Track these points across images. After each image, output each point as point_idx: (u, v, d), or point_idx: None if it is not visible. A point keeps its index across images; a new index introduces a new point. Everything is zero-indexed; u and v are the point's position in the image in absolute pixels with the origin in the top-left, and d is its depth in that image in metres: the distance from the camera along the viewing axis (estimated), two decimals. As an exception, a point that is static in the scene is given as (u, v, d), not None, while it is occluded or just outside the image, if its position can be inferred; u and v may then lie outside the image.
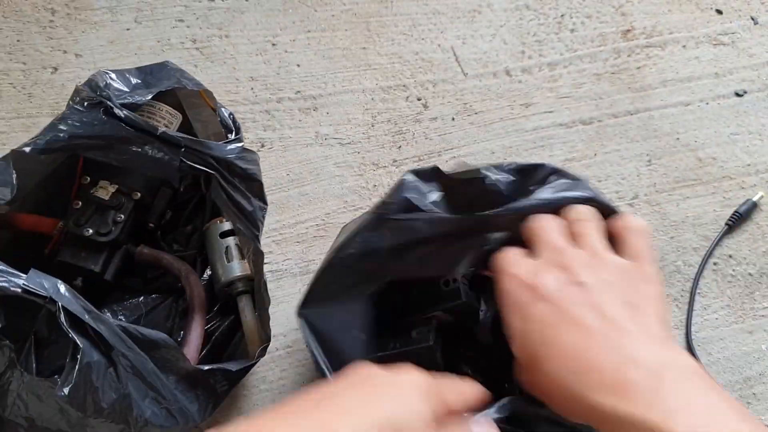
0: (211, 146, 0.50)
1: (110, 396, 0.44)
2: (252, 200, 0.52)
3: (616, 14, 0.77)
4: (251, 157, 0.53)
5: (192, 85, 0.56)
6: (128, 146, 0.50)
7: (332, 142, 0.70)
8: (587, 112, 0.72)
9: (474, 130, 0.71)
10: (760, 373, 0.61)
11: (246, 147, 0.53)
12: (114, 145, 0.50)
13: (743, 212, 0.66)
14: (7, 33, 0.73)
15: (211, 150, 0.50)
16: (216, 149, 0.50)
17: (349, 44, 0.75)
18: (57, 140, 0.48)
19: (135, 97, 0.51)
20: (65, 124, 0.48)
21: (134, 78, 0.54)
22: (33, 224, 0.58)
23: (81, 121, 0.49)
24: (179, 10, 0.76)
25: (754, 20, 0.77)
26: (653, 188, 0.69)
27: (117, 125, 0.49)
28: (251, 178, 0.52)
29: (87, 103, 0.49)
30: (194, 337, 0.55)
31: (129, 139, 0.49)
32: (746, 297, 0.64)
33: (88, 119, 0.49)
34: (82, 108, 0.49)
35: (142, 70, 0.55)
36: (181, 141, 0.50)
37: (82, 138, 0.49)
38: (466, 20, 0.77)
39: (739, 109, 0.73)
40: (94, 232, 0.55)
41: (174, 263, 0.58)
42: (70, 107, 0.50)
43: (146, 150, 0.50)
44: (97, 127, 0.49)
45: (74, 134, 0.49)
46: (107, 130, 0.49)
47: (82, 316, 0.43)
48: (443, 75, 0.74)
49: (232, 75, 0.73)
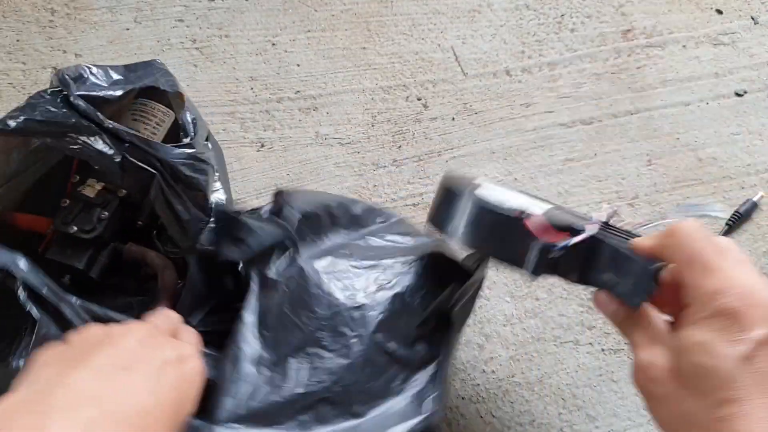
0: (156, 147, 0.50)
1: None
2: (191, 209, 0.51)
3: (616, 14, 0.77)
4: (200, 165, 0.51)
5: (167, 86, 0.55)
6: (78, 136, 0.49)
7: (332, 142, 0.70)
8: (587, 112, 0.72)
9: (474, 130, 0.71)
10: (761, 373, 0.61)
11: (197, 155, 0.51)
12: (66, 134, 0.49)
13: (743, 212, 0.66)
14: (7, 33, 0.73)
15: (155, 151, 0.49)
16: (161, 150, 0.50)
17: (349, 44, 0.75)
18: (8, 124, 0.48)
19: (107, 92, 0.51)
20: (25, 109, 0.49)
21: (117, 74, 0.54)
22: (29, 224, 0.58)
23: (39, 107, 0.49)
24: (179, 10, 0.76)
25: (754, 20, 0.77)
26: (653, 188, 0.69)
27: (68, 114, 0.49)
28: (194, 187, 0.51)
29: (51, 91, 0.50)
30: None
31: (79, 128, 0.49)
32: (746, 297, 0.64)
33: (45, 106, 0.49)
34: (45, 95, 0.49)
35: (129, 68, 0.55)
36: (125, 136, 0.49)
37: (36, 122, 0.49)
38: (466, 20, 0.77)
39: (739, 109, 0.73)
40: (78, 230, 0.56)
41: (156, 259, 0.58)
42: (35, 95, 0.50)
43: (93, 142, 0.50)
44: (51, 114, 0.49)
45: (29, 118, 0.49)
46: (60, 118, 0.49)
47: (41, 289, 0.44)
48: (443, 75, 0.74)
49: (232, 75, 0.73)
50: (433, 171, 0.69)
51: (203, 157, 0.52)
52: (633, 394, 0.60)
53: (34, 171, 0.60)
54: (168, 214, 0.51)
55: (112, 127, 0.49)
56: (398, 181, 0.69)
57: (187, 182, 0.51)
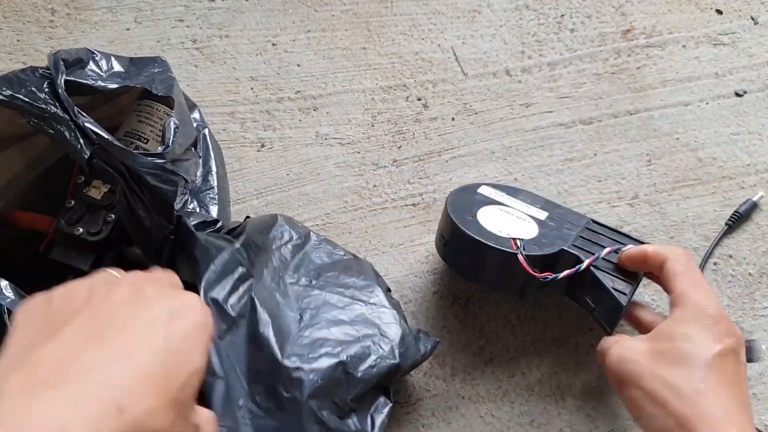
0: (122, 153, 0.48)
1: None
2: (153, 217, 0.50)
3: (616, 14, 0.77)
4: (168, 177, 0.50)
5: (162, 90, 0.55)
6: (56, 124, 0.49)
7: (332, 142, 0.70)
8: (587, 112, 0.72)
9: (474, 130, 0.71)
10: (760, 373, 0.61)
11: (167, 167, 0.49)
12: (46, 119, 0.49)
13: (743, 212, 0.66)
14: (7, 33, 0.74)
15: (123, 157, 0.48)
16: (126, 157, 0.48)
17: (349, 44, 0.75)
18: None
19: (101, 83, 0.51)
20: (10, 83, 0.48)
21: (119, 66, 0.53)
22: (29, 222, 0.58)
23: (25, 85, 0.48)
24: (179, 10, 0.76)
25: (754, 20, 0.77)
26: (653, 188, 0.69)
27: (48, 101, 0.48)
28: (160, 197, 0.50)
29: (41, 71, 0.49)
30: None
31: (58, 117, 0.48)
32: (746, 297, 0.64)
33: (34, 86, 0.48)
34: (36, 75, 0.49)
35: (134, 61, 0.55)
36: (94, 138, 0.48)
37: (21, 101, 0.48)
38: (466, 20, 0.77)
39: (739, 109, 0.73)
40: (84, 232, 0.55)
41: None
42: (26, 70, 0.49)
43: (65, 133, 0.49)
44: (33, 95, 0.48)
45: (15, 95, 0.48)
46: (41, 103, 0.48)
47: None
48: (443, 75, 0.74)
49: (232, 75, 0.73)
50: (433, 171, 0.69)
51: (173, 168, 0.50)
52: (633, 394, 0.60)
53: (35, 168, 0.60)
54: (129, 218, 0.50)
55: (83, 125, 0.48)
56: (398, 181, 0.69)
57: (152, 191, 0.50)
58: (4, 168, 0.58)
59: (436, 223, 0.60)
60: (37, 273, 0.59)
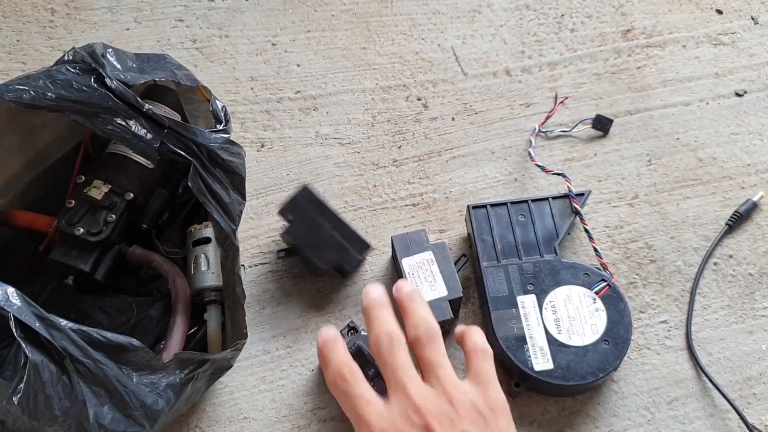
0: (195, 131, 0.49)
1: (64, 404, 0.43)
2: (230, 192, 0.51)
3: (616, 14, 0.77)
4: (236, 150, 0.52)
5: (187, 80, 0.55)
6: (113, 118, 0.48)
7: (332, 142, 0.70)
8: (587, 112, 0.72)
9: (474, 130, 0.71)
10: (761, 373, 0.61)
11: (232, 140, 0.52)
12: (99, 115, 0.48)
13: (743, 212, 0.66)
14: (7, 33, 0.74)
15: (194, 135, 0.49)
16: (199, 135, 0.49)
17: (349, 44, 0.75)
18: (44, 98, 0.47)
19: (126, 77, 0.50)
20: (54, 84, 0.47)
21: (131, 61, 0.53)
22: (28, 222, 0.58)
23: (69, 84, 0.48)
24: (179, 10, 0.76)
25: (754, 20, 0.77)
26: (653, 188, 0.69)
27: (105, 95, 0.48)
28: (232, 170, 0.51)
29: (80, 68, 0.49)
30: (176, 339, 0.54)
31: (115, 111, 0.48)
32: (746, 297, 0.64)
33: (77, 84, 0.48)
34: (74, 71, 0.48)
35: (140, 57, 0.54)
36: (165, 122, 0.49)
37: (69, 101, 0.48)
38: (466, 20, 0.77)
39: (739, 109, 0.73)
40: (85, 232, 0.55)
41: (163, 264, 0.58)
42: (60, 68, 0.49)
43: (130, 125, 0.49)
44: (85, 94, 0.48)
45: (62, 96, 0.47)
46: (95, 98, 0.48)
47: (33, 324, 0.42)
48: (443, 75, 0.74)
49: (232, 75, 0.73)
50: (433, 171, 0.69)
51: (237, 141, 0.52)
52: (633, 394, 0.60)
53: (35, 168, 0.60)
54: (207, 197, 0.50)
55: (151, 112, 0.48)
56: (398, 181, 0.69)
57: (224, 167, 0.51)
58: (4, 168, 0.58)
59: (436, 223, 0.60)
60: (37, 273, 0.59)
